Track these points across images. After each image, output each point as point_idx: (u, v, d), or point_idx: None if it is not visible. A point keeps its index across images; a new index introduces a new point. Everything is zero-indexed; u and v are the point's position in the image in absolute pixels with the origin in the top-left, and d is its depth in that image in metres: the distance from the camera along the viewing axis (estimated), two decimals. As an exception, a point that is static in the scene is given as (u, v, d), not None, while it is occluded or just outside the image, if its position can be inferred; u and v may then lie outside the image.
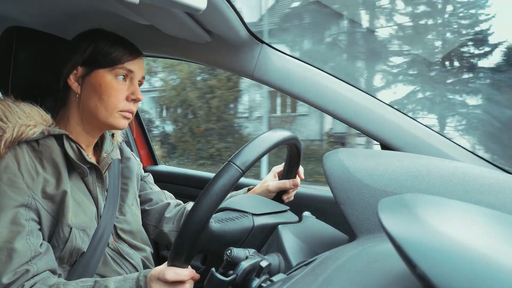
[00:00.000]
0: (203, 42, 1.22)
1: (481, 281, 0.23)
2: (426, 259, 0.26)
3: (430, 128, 1.15)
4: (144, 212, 1.22)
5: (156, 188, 1.31)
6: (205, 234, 0.77)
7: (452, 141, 1.14)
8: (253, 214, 0.88)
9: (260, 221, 0.87)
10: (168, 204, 1.27)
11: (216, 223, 0.83)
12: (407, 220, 0.31)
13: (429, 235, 0.28)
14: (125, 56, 0.99)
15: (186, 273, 0.82)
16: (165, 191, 1.33)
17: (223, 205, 0.90)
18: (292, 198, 1.16)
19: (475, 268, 0.24)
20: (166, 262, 0.83)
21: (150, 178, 1.32)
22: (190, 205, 1.28)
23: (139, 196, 1.24)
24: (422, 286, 0.26)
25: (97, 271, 1.00)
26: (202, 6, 0.76)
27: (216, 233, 0.81)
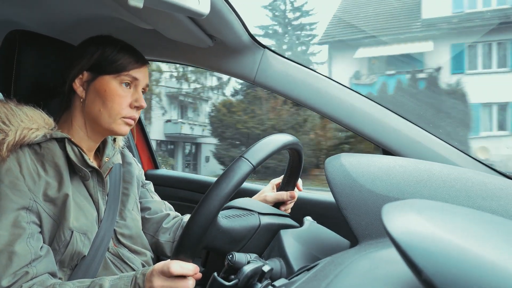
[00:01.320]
0: (205, 47, 1.22)
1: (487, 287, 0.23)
2: (432, 265, 0.26)
3: (431, 134, 1.15)
4: (142, 220, 1.21)
5: (156, 197, 1.31)
6: (212, 228, 0.76)
7: (454, 147, 1.14)
8: (259, 213, 0.88)
9: (266, 220, 0.88)
10: (167, 215, 1.26)
11: (224, 218, 0.83)
12: (411, 225, 0.31)
13: (435, 240, 0.28)
14: (131, 64, 1.01)
15: (191, 268, 0.80)
16: (166, 202, 1.32)
17: (228, 204, 0.90)
18: (289, 210, 1.15)
19: (481, 274, 0.24)
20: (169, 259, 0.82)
21: (151, 186, 1.32)
22: (187, 217, 1.27)
23: (139, 203, 1.23)
24: None
25: (98, 275, 0.99)
26: (205, 11, 0.77)
27: (223, 228, 0.80)
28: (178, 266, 0.79)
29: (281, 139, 0.82)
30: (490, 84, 11.67)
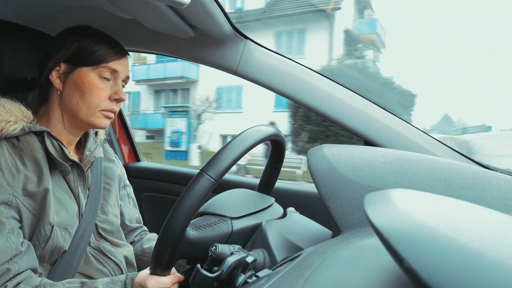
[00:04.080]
0: (187, 37, 1.21)
1: (470, 274, 0.24)
2: (413, 252, 0.27)
3: (410, 124, 1.17)
4: None
5: (132, 203, 1.29)
6: (183, 242, 0.76)
7: (432, 137, 1.16)
8: (232, 218, 0.87)
9: (239, 224, 0.86)
10: (136, 229, 1.26)
11: (194, 230, 0.82)
12: (393, 214, 0.32)
13: (416, 228, 0.29)
14: (110, 55, 0.98)
15: (167, 281, 0.83)
16: (137, 211, 1.31)
17: (201, 209, 0.89)
18: None
19: (463, 262, 0.25)
20: (149, 268, 0.83)
21: (131, 190, 1.30)
22: (150, 235, 1.27)
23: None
24: (409, 279, 0.27)
25: (79, 270, 0.98)
26: (186, 0, 0.76)
27: (194, 241, 0.80)
28: (154, 282, 0.83)
29: (246, 140, 0.77)
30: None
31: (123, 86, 1.03)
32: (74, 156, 1.00)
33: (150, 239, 1.23)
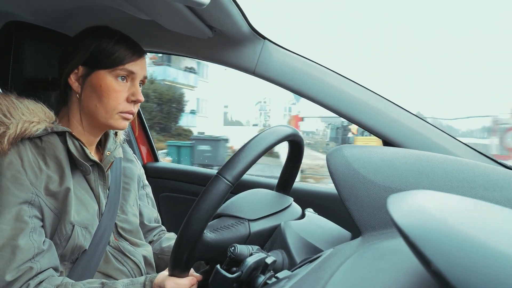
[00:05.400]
0: (205, 38, 1.21)
1: (501, 278, 0.23)
2: (441, 255, 0.26)
3: (432, 125, 1.15)
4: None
5: (151, 203, 1.31)
6: (200, 245, 0.76)
7: (454, 138, 1.14)
8: (250, 220, 0.86)
9: (256, 226, 0.86)
10: (155, 228, 1.27)
11: (211, 233, 0.82)
12: (419, 215, 0.31)
13: (444, 230, 0.28)
14: (128, 57, 0.97)
15: (185, 283, 0.84)
16: (155, 211, 1.32)
17: (219, 210, 0.88)
18: None
19: (493, 264, 0.24)
20: (167, 269, 0.84)
21: (149, 190, 1.31)
22: (168, 234, 1.28)
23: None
24: (437, 283, 0.26)
25: (99, 269, 1.00)
26: (206, 1, 0.76)
27: (211, 243, 0.80)
28: (173, 283, 0.83)
29: (262, 142, 0.76)
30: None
31: (140, 86, 1.03)
32: (94, 156, 1.01)
33: (169, 238, 1.24)
